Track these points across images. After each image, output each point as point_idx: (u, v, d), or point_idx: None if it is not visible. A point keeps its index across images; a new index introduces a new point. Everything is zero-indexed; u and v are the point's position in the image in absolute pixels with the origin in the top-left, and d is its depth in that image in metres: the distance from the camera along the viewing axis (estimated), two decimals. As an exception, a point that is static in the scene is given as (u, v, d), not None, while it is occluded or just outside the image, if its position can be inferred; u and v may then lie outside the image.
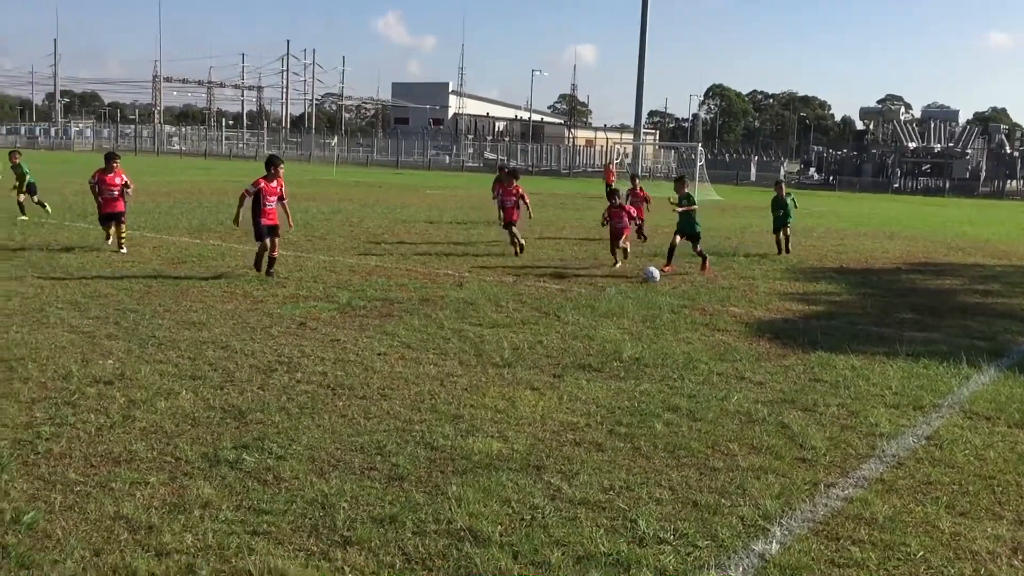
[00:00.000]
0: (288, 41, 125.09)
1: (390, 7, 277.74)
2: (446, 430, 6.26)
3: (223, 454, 5.63)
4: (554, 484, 5.35)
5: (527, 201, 17.15)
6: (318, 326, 9.64)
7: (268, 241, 12.60)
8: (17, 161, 20.28)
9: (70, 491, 4.98)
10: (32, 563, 4.16)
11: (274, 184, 12.68)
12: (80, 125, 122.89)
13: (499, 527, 4.71)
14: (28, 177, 20.02)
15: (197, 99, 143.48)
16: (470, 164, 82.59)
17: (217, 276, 12.76)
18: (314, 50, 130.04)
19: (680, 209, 15.05)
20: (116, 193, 14.94)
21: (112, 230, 15.04)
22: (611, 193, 16.05)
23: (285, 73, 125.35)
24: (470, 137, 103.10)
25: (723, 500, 5.20)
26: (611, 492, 5.27)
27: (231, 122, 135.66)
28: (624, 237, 15.59)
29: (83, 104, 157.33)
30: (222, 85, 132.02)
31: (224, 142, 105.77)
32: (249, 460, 5.54)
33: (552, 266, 15.45)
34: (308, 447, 5.82)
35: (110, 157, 15.33)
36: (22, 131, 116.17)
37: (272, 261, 12.81)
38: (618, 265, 15.30)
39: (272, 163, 12.93)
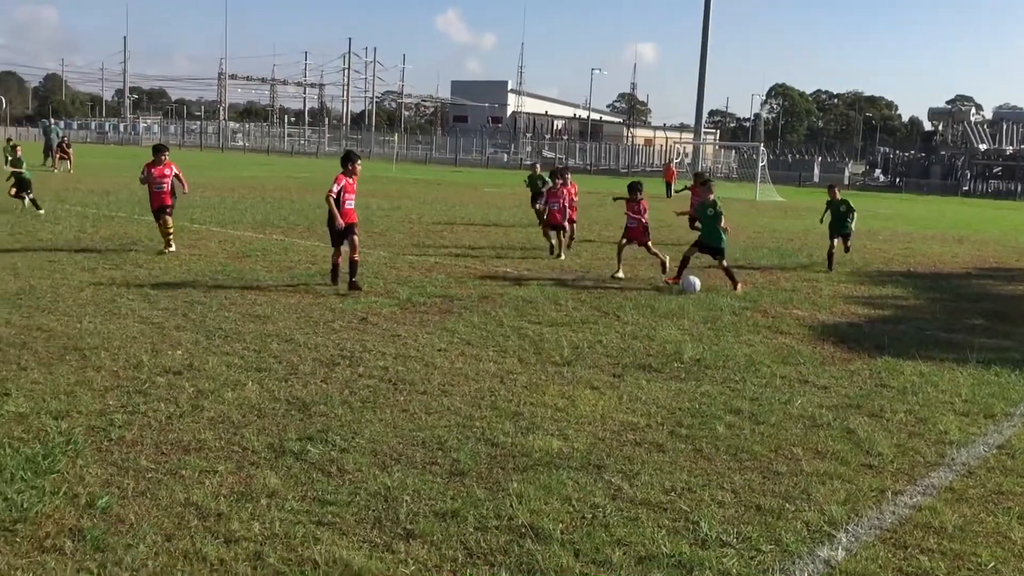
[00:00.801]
0: (350, 39, 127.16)
1: (450, 5, 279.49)
2: (506, 427, 6.28)
3: (288, 445, 5.73)
4: (615, 484, 5.33)
5: (574, 204, 17.03)
6: (379, 321, 9.74)
7: (347, 243, 11.73)
8: (19, 156, 20.51)
9: (142, 477, 5.12)
10: (106, 546, 4.29)
11: (352, 181, 11.86)
12: (148, 121, 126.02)
13: (560, 525, 4.72)
14: (25, 174, 20.19)
15: (260, 96, 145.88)
16: (528, 163, 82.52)
17: (289, 285, 12.96)
18: (375, 48, 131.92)
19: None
20: (165, 186, 14.33)
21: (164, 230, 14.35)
22: (632, 186, 13.87)
23: (346, 71, 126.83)
24: (528, 135, 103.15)
25: (787, 505, 5.13)
26: (673, 493, 5.23)
27: (293, 119, 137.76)
28: (646, 244, 13.90)
29: (151, 100, 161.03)
30: (285, 83, 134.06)
31: (286, 139, 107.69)
32: (313, 452, 5.63)
33: (610, 265, 15.36)
34: (370, 440, 5.90)
35: (158, 149, 14.75)
36: (92, 126, 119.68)
37: (355, 265, 11.65)
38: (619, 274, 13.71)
39: (350, 159, 11.91)
